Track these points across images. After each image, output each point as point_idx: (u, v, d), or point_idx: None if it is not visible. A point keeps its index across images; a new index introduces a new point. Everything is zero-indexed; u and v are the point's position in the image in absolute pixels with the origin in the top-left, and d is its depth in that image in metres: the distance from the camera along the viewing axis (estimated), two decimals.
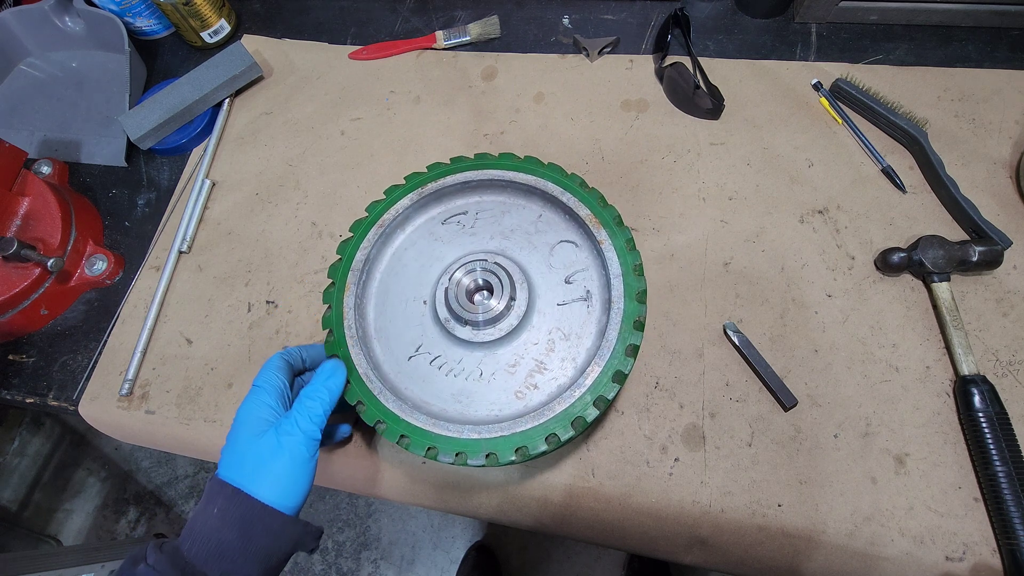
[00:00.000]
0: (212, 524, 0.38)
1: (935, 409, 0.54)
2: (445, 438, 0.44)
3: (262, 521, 0.39)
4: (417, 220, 0.55)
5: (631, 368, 0.44)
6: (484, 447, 0.43)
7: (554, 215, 0.53)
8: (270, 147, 0.77)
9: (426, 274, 0.53)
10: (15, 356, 0.70)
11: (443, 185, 0.53)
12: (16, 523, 1.61)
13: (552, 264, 0.51)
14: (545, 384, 0.47)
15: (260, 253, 0.70)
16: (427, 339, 0.50)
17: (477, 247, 0.53)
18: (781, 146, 0.68)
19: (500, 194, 0.55)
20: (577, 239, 0.52)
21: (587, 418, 0.43)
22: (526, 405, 0.46)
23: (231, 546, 0.38)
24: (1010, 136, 0.65)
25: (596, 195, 0.51)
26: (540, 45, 0.79)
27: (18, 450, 1.72)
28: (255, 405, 0.43)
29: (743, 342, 0.57)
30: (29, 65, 0.89)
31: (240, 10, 0.90)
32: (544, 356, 0.48)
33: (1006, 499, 0.48)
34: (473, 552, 1.44)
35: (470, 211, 0.55)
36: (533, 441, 0.43)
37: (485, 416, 0.46)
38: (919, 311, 0.58)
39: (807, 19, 0.75)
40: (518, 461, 0.43)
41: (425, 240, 0.54)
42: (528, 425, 0.43)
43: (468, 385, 0.48)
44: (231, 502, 0.39)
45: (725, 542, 0.52)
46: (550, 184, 0.52)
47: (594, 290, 0.50)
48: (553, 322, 0.49)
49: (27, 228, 0.68)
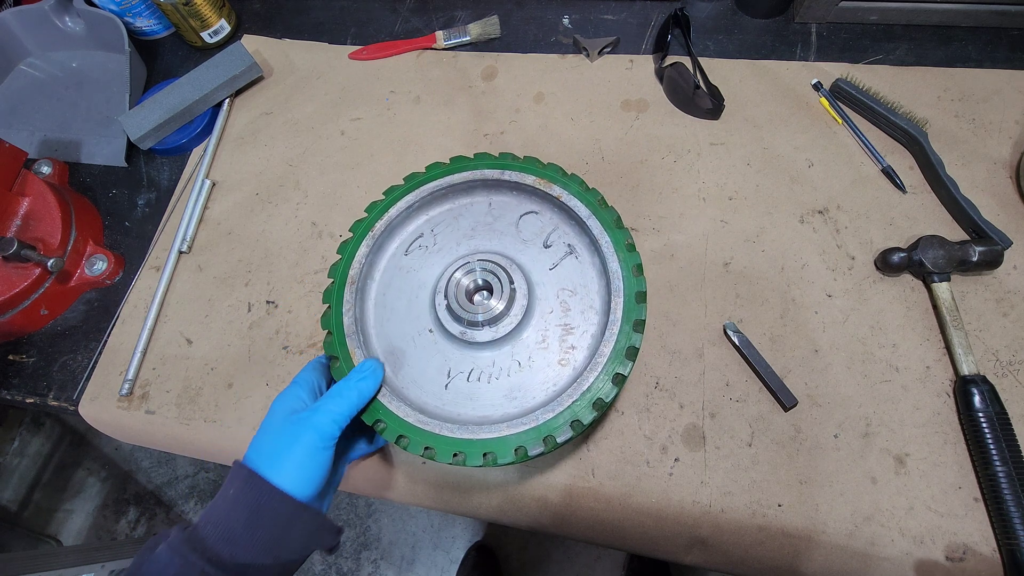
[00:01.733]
0: (226, 505, 0.39)
1: (935, 409, 0.54)
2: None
3: (271, 505, 0.38)
4: (380, 263, 0.54)
5: (645, 286, 0.45)
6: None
7: (503, 196, 0.54)
8: (270, 147, 0.77)
9: (416, 305, 0.51)
10: (15, 356, 0.70)
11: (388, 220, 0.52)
12: (16, 523, 1.61)
13: (524, 239, 0.52)
14: (580, 341, 0.47)
15: (260, 253, 0.70)
16: (452, 361, 0.49)
17: (450, 258, 0.52)
18: (781, 146, 0.68)
19: (444, 203, 0.54)
20: (535, 207, 0.53)
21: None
22: (574, 367, 0.46)
23: (239, 529, 0.38)
24: (1010, 136, 0.65)
25: (532, 160, 0.52)
26: (540, 45, 0.79)
27: (18, 450, 1.72)
28: (288, 397, 0.44)
29: (743, 342, 0.58)
30: (29, 65, 0.89)
31: (240, 10, 0.90)
32: (564, 318, 0.48)
33: (1006, 499, 0.48)
34: (473, 552, 1.44)
35: (425, 232, 0.54)
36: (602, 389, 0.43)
37: (545, 399, 0.46)
38: (919, 311, 0.58)
39: (807, 19, 0.75)
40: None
41: (399, 276, 0.53)
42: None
43: (513, 380, 0.48)
44: (246, 484, 0.39)
45: (725, 542, 0.52)
46: (486, 171, 0.52)
47: (574, 241, 0.51)
48: (556, 285, 0.50)
49: (27, 228, 0.68)
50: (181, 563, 0.36)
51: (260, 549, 0.38)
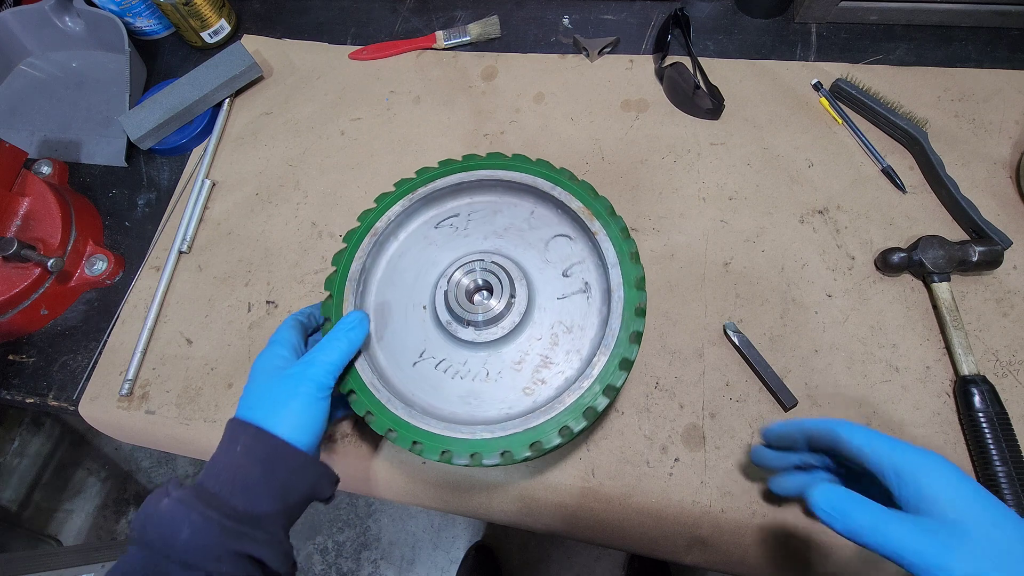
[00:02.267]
0: (237, 460, 0.40)
1: (935, 409, 0.54)
2: (458, 440, 0.43)
3: (283, 458, 0.40)
4: (410, 226, 0.55)
5: (636, 355, 0.45)
6: (498, 446, 0.43)
7: (546, 210, 0.53)
8: (270, 147, 0.77)
9: (423, 279, 0.52)
10: (15, 356, 0.70)
11: (433, 189, 0.53)
12: (16, 523, 1.61)
13: (548, 259, 0.51)
14: (552, 378, 0.47)
15: (260, 253, 0.70)
16: (430, 344, 0.50)
17: (472, 248, 0.53)
18: (781, 146, 0.68)
19: (490, 194, 0.55)
20: (571, 232, 0.52)
21: (598, 407, 0.43)
22: (535, 401, 0.46)
23: (256, 479, 0.39)
24: (1010, 136, 0.65)
25: (587, 187, 0.51)
26: (540, 45, 0.79)
27: (18, 450, 1.72)
28: (270, 357, 0.45)
29: (743, 342, 0.58)
30: (29, 65, 0.89)
31: (240, 10, 0.90)
32: (548, 351, 0.48)
33: (1006, 499, 0.48)
34: (473, 552, 1.44)
35: (462, 212, 0.54)
36: (547, 435, 0.43)
37: (496, 415, 0.46)
38: (919, 311, 0.58)
39: (807, 19, 0.75)
40: (533, 456, 0.43)
41: (419, 244, 0.54)
42: (539, 420, 0.43)
43: (475, 386, 0.48)
44: (256, 440, 0.40)
45: (725, 542, 0.52)
46: (540, 180, 0.51)
47: (592, 281, 0.49)
48: (555, 316, 0.49)
49: (27, 228, 0.68)
50: (199, 518, 0.37)
51: (274, 497, 0.40)
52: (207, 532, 0.36)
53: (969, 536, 0.31)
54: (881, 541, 0.32)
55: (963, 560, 0.30)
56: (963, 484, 0.33)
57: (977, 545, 0.31)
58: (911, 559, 0.31)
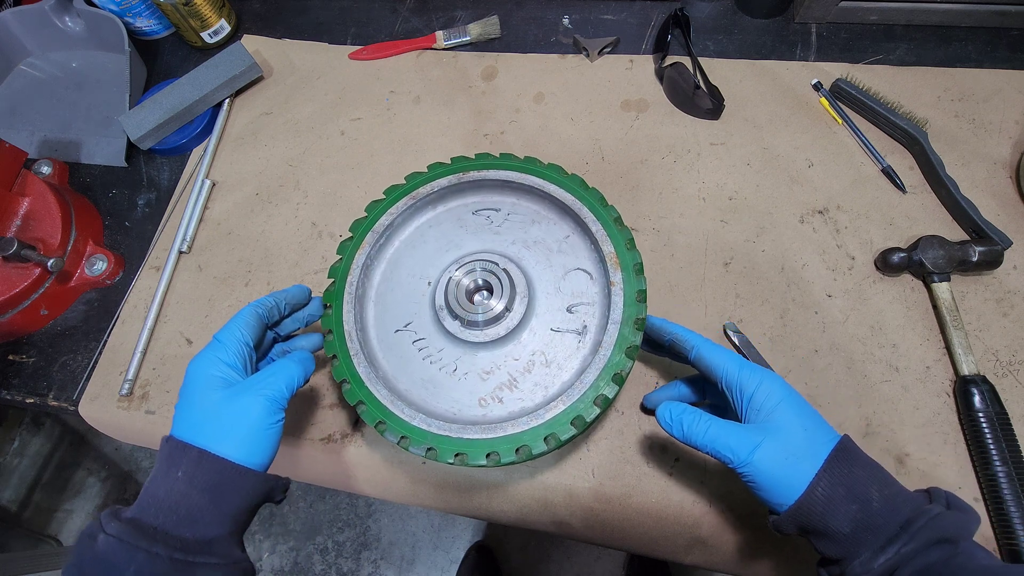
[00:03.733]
0: (179, 488, 0.37)
1: (935, 409, 0.54)
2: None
3: (232, 481, 0.38)
4: (450, 202, 0.55)
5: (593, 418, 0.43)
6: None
7: (580, 241, 0.52)
8: (270, 147, 0.77)
9: (440, 256, 0.53)
10: (15, 356, 0.70)
11: (484, 177, 0.53)
12: (16, 523, 1.61)
13: (561, 288, 0.51)
14: (510, 401, 0.47)
15: (260, 253, 0.70)
16: (418, 319, 0.50)
17: (496, 246, 0.53)
18: (781, 146, 0.68)
19: (536, 203, 0.54)
20: (593, 272, 0.51)
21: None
22: (484, 414, 0.46)
23: (202, 508, 0.37)
24: (1010, 136, 0.65)
25: (626, 234, 0.50)
26: (540, 45, 0.79)
27: (18, 450, 1.72)
28: (210, 362, 0.41)
29: (743, 342, 0.57)
30: (29, 65, 0.89)
31: (240, 10, 0.90)
32: (520, 375, 0.48)
33: (1006, 499, 0.48)
34: (473, 552, 1.44)
35: (503, 209, 0.55)
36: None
37: (443, 412, 0.47)
38: (919, 311, 0.58)
39: (807, 19, 0.75)
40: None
41: (451, 223, 0.54)
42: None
43: (439, 376, 0.48)
44: (198, 465, 0.37)
45: (725, 542, 0.52)
46: (586, 210, 0.51)
47: (591, 327, 0.49)
48: (540, 345, 0.49)
49: (27, 228, 0.68)
50: (145, 556, 0.34)
51: (223, 521, 0.38)
52: (154, 570, 0.34)
53: (775, 436, 0.39)
54: (704, 441, 0.41)
55: (760, 452, 0.38)
56: (787, 400, 0.40)
57: (776, 442, 0.38)
58: (724, 453, 0.40)
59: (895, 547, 0.35)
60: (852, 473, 0.37)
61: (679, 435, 0.42)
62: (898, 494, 0.37)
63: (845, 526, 0.36)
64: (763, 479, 0.38)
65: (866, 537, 0.36)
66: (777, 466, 0.38)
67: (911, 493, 0.38)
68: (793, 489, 0.37)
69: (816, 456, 0.38)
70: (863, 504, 0.36)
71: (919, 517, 0.35)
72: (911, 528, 0.35)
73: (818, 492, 0.37)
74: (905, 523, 0.35)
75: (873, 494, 0.36)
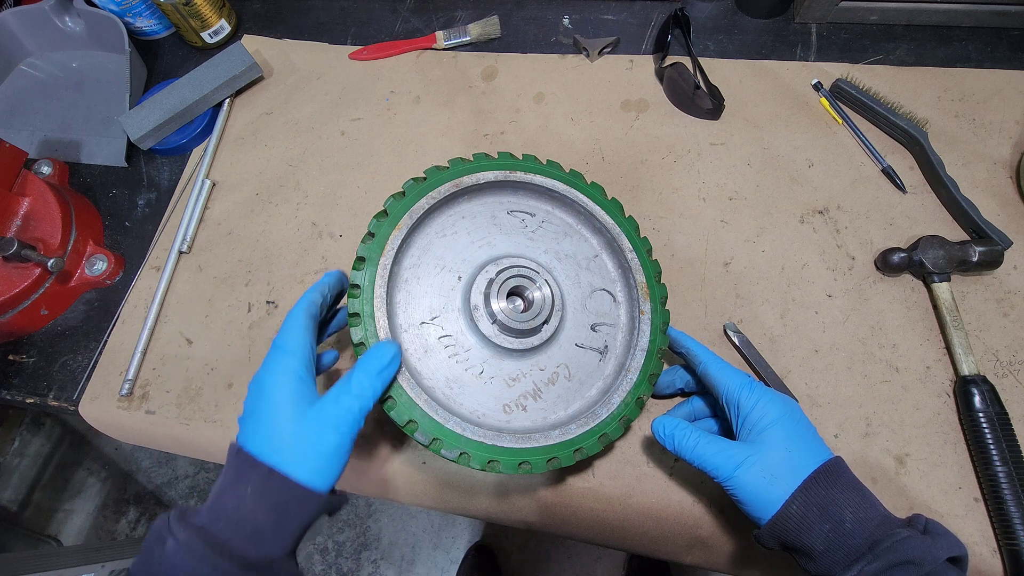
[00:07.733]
0: (247, 506, 0.36)
1: (935, 409, 0.54)
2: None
3: (299, 502, 0.37)
4: (487, 198, 0.53)
5: (618, 436, 0.47)
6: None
7: (609, 261, 0.53)
8: (270, 147, 0.77)
9: (471, 251, 0.50)
10: (15, 356, 0.70)
11: (530, 180, 0.52)
12: (16, 523, 1.61)
13: (587, 306, 0.51)
14: (534, 410, 0.47)
15: (260, 253, 0.70)
16: (446, 314, 0.48)
17: (530, 253, 0.52)
18: (781, 146, 0.68)
19: (570, 216, 0.55)
20: (620, 296, 0.52)
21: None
22: (508, 421, 0.46)
23: (269, 527, 0.37)
24: (1010, 136, 0.65)
25: (656, 267, 0.52)
26: (540, 45, 0.79)
27: (18, 450, 1.72)
28: (284, 374, 0.39)
29: (743, 342, 0.57)
30: (29, 65, 0.89)
31: (240, 10, 0.90)
32: (544, 385, 0.48)
33: (1006, 499, 0.48)
34: (473, 552, 1.44)
35: (538, 215, 0.54)
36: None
37: (467, 414, 0.46)
38: (919, 311, 0.58)
39: (807, 19, 0.75)
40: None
41: (484, 218, 0.52)
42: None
43: (465, 376, 0.46)
44: (267, 485, 0.37)
45: (725, 543, 0.52)
46: (623, 236, 0.52)
47: (613, 348, 0.50)
48: (565, 358, 0.49)
49: (27, 228, 0.68)
50: (211, 571, 0.35)
51: (286, 541, 0.38)
52: None
53: (758, 455, 0.41)
54: (691, 456, 0.44)
55: (741, 471, 0.41)
56: (780, 422, 0.42)
57: (758, 461, 0.41)
58: (710, 469, 0.43)
59: (859, 565, 0.37)
60: (829, 494, 0.39)
61: (671, 449, 0.45)
62: (872, 517, 0.39)
63: (819, 544, 0.39)
64: (744, 495, 0.41)
65: (837, 556, 0.38)
66: (756, 484, 0.41)
67: (888, 517, 0.40)
68: (771, 505, 0.40)
69: (795, 476, 0.40)
70: (835, 524, 0.39)
71: (886, 539, 0.37)
72: (876, 549, 0.37)
73: (792, 510, 0.39)
74: (872, 544, 0.38)
75: (847, 515, 0.39)
